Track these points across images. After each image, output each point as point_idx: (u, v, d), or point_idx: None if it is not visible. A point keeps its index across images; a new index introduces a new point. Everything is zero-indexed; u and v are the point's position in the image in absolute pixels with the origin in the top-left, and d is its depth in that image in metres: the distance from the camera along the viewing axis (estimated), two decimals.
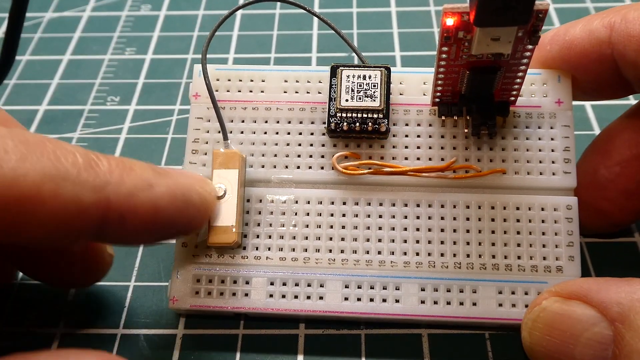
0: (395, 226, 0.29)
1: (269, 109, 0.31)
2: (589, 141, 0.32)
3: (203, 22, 0.48)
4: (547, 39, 0.30)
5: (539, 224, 0.29)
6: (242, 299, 0.29)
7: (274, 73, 0.32)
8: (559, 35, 0.29)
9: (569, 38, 0.29)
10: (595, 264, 0.32)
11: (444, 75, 0.28)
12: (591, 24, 0.28)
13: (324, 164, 0.30)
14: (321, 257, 0.29)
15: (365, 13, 0.48)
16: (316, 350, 0.29)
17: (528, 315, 0.26)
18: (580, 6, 0.47)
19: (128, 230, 0.23)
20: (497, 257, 0.28)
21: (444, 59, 0.27)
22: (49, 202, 0.20)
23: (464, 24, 0.25)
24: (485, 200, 0.29)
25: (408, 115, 0.30)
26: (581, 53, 0.28)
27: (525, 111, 0.30)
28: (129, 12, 0.49)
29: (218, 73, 0.32)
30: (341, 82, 0.30)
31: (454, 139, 0.30)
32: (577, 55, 0.29)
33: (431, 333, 0.29)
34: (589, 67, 0.29)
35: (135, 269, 0.33)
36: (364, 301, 0.28)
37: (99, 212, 0.22)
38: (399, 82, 0.31)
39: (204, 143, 0.31)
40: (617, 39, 0.27)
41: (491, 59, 0.26)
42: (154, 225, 0.24)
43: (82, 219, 0.21)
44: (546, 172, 0.29)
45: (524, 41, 0.25)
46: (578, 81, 0.30)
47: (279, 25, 0.47)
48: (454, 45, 0.26)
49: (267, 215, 0.30)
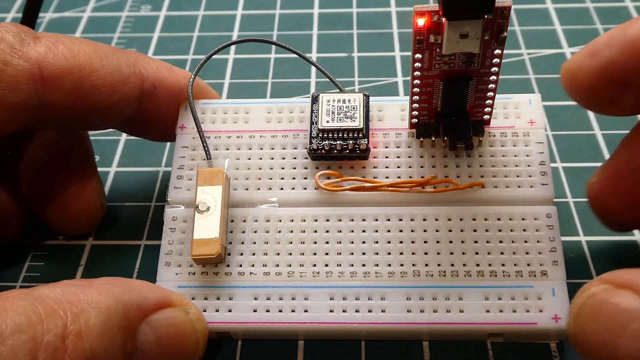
0: (378, 239, 0.29)
1: (253, 137, 0.32)
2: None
3: (203, 23, 0.48)
4: (602, 44, 0.26)
5: (521, 232, 0.29)
6: (225, 315, 0.28)
7: (258, 105, 0.33)
8: (616, 37, 0.26)
9: (631, 37, 0.25)
10: (596, 263, 0.32)
11: (420, 89, 0.29)
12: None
13: (306, 184, 0.31)
14: (305, 270, 0.29)
15: (365, 13, 0.48)
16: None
17: (575, 301, 0.24)
18: (580, 6, 0.47)
19: (159, 101, 0.32)
20: (482, 264, 0.28)
21: (418, 68, 0.28)
22: (99, 70, 0.29)
23: (434, 25, 0.26)
24: (466, 213, 0.29)
25: (387, 138, 0.32)
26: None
27: (500, 131, 0.31)
28: (129, 13, 0.49)
29: (204, 107, 0.33)
30: (321, 106, 0.31)
31: (432, 158, 0.31)
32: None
33: (431, 341, 0.29)
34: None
35: (136, 270, 0.33)
36: (350, 312, 0.28)
37: (137, 81, 0.30)
38: (378, 109, 0.32)
39: (189, 170, 0.31)
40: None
41: (462, 67, 0.28)
42: (178, 95, 0.32)
43: (125, 84, 0.30)
44: (524, 185, 0.30)
45: (492, 44, 0.27)
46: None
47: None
48: (426, 52, 0.27)
49: (250, 233, 0.30)
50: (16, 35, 0.27)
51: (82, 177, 0.33)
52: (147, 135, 0.35)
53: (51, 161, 0.32)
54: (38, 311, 0.22)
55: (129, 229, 0.35)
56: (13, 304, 0.21)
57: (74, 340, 0.22)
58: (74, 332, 0.22)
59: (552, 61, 0.43)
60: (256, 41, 0.35)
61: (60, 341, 0.21)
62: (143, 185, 0.37)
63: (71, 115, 0.29)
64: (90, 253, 0.34)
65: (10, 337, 0.20)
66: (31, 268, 0.33)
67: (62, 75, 0.28)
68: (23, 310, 0.21)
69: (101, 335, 0.23)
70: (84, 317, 0.22)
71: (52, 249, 0.34)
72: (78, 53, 0.28)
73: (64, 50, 0.28)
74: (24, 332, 0.21)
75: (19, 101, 0.27)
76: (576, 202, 0.34)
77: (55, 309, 0.22)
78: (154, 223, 0.35)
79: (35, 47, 0.27)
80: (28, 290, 0.23)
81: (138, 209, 0.36)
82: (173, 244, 0.30)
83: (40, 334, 0.21)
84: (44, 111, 0.28)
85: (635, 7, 0.46)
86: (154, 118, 0.33)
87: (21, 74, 0.27)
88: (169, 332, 0.26)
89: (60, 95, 0.28)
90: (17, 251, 0.34)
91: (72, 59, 0.28)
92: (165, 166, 0.38)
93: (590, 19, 0.46)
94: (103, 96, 0.29)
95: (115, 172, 0.38)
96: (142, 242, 0.34)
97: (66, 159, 0.33)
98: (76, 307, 0.23)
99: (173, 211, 0.31)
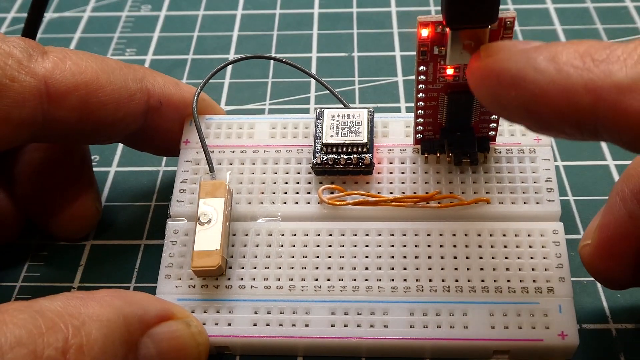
0: (381, 254, 0.29)
1: (257, 151, 0.32)
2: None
3: (203, 23, 0.48)
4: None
5: (527, 248, 0.28)
6: (224, 328, 0.28)
7: (262, 121, 0.33)
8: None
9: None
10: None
11: (424, 103, 0.29)
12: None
13: (309, 199, 0.30)
14: (307, 284, 0.28)
15: (365, 13, 0.48)
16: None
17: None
18: (580, 6, 0.47)
19: (165, 116, 0.32)
20: (487, 280, 0.28)
21: (422, 81, 0.28)
22: (106, 86, 0.29)
23: (438, 36, 0.26)
24: (471, 228, 0.29)
25: (392, 154, 0.31)
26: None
27: (506, 147, 0.31)
28: (129, 13, 0.49)
29: (209, 122, 0.33)
30: (326, 121, 0.31)
31: (437, 174, 0.31)
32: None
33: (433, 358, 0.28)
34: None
35: (136, 271, 0.33)
36: (351, 327, 0.27)
37: (143, 97, 0.30)
38: (382, 125, 0.32)
39: (192, 183, 0.31)
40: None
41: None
42: (184, 111, 0.32)
43: (132, 100, 0.30)
44: (530, 201, 0.30)
45: None
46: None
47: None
48: (430, 64, 0.27)
49: (252, 247, 0.29)
50: (24, 51, 0.27)
51: (78, 181, 0.33)
52: (152, 149, 0.35)
53: (47, 164, 0.32)
54: (38, 324, 0.21)
55: (129, 229, 0.35)
56: (13, 317, 0.21)
57: (75, 354, 0.21)
58: (75, 346, 0.21)
59: None
60: (258, 58, 0.35)
61: (61, 355, 0.21)
62: (143, 185, 0.37)
63: (76, 130, 0.29)
64: (90, 253, 0.34)
65: (10, 351, 0.20)
66: (31, 268, 0.33)
67: (68, 92, 0.28)
68: (23, 323, 0.21)
69: (103, 349, 0.22)
70: (85, 330, 0.22)
71: (52, 249, 0.34)
72: (85, 69, 0.29)
73: (71, 66, 0.28)
74: (24, 345, 0.20)
75: (25, 117, 0.27)
76: (576, 200, 0.34)
77: (56, 322, 0.22)
78: (154, 223, 0.35)
79: (42, 63, 0.28)
80: (28, 302, 0.22)
81: (138, 209, 0.36)
82: (174, 256, 0.30)
83: (41, 347, 0.21)
84: (48, 127, 0.28)
85: (635, 7, 0.46)
86: (159, 133, 0.33)
87: (27, 91, 0.27)
88: (170, 345, 0.25)
89: (66, 111, 0.28)
90: (17, 251, 0.34)
91: (79, 76, 0.28)
92: (165, 166, 0.38)
93: (590, 19, 0.46)
94: (109, 112, 0.29)
95: (115, 172, 0.38)
96: (142, 242, 0.34)
97: (62, 162, 0.33)
98: (77, 320, 0.22)
99: (175, 224, 0.30)
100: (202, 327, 0.27)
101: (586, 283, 0.31)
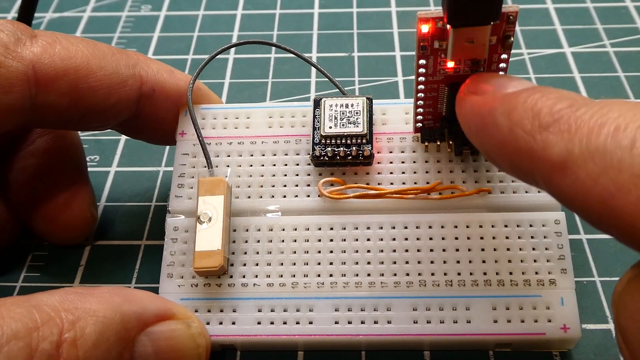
0: (383, 248, 0.29)
1: (254, 142, 0.31)
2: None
3: (203, 23, 0.48)
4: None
5: (529, 239, 0.28)
6: (229, 328, 0.28)
7: (259, 110, 0.32)
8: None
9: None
10: (596, 261, 0.32)
11: (424, 94, 0.28)
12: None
13: (309, 192, 0.30)
14: (309, 281, 0.28)
15: (365, 13, 0.48)
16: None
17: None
18: (580, 6, 0.47)
19: (158, 104, 0.31)
20: (489, 273, 0.28)
21: (422, 74, 0.27)
22: (97, 72, 0.28)
23: (438, 32, 0.25)
24: (473, 219, 0.29)
25: (391, 143, 0.31)
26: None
27: None
28: (129, 13, 0.49)
29: (204, 112, 0.32)
30: (324, 111, 0.30)
31: (438, 163, 0.30)
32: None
33: (434, 351, 0.29)
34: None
35: (136, 271, 0.33)
36: (355, 323, 0.28)
37: (135, 83, 0.29)
38: (381, 112, 0.32)
39: (189, 177, 0.31)
40: None
41: (468, 72, 0.27)
42: (178, 100, 0.31)
43: (123, 87, 0.29)
44: (532, 190, 0.29)
45: (498, 49, 0.26)
46: None
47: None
48: (430, 58, 0.27)
49: (253, 243, 0.29)
50: (12, 35, 0.26)
51: (72, 187, 0.32)
52: (145, 138, 0.34)
53: (41, 170, 0.32)
54: (34, 318, 0.21)
55: (129, 229, 0.35)
56: (10, 311, 0.21)
57: (68, 349, 0.22)
58: (68, 340, 0.22)
59: (552, 61, 0.43)
60: (256, 43, 0.34)
61: (54, 349, 0.21)
62: (143, 185, 0.37)
63: (66, 116, 0.29)
64: (90, 253, 0.34)
65: (7, 344, 0.20)
66: (31, 268, 0.33)
67: (57, 77, 0.27)
68: (20, 317, 0.21)
69: (96, 345, 0.22)
70: (79, 325, 0.22)
71: (52, 250, 0.34)
72: (75, 54, 0.28)
73: (60, 50, 0.28)
74: (20, 339, 0.21)
75: (12, 103, 0.26)
76: None
77: (52, 316, 0.22)
78: (154, 223, 0.35)
79: (30, 47, 0.27)
80: (26, 297, 0.23)
81: (138, 209, 0.36)
82: (175, 255, 0.29)
83: (36, 341, 0.21)
84: (37, 112, 0.28)
85: (635, 7, 0.46)
86: (152, 121, 0.32)
87: (14, 76, 0.26)
88: (168, 345, 0.25)
89: (55, 96, 0.27)
90: (17, 251, 0.34)
91: (68, 60, 0.28)
92: (165, 166, 0.38)
93: (590, 19, 0.46)
94: (99, 98, 0.29)
95: (115, 172, 0.38)
96: (142, 242, 0.34)
97: (57, 168, 0.32)
98: (73, 315, 0.22)
99: (174, 221, 0.30)
100: (203, 329, 0.27)
101: (586, 283, 0.31)
